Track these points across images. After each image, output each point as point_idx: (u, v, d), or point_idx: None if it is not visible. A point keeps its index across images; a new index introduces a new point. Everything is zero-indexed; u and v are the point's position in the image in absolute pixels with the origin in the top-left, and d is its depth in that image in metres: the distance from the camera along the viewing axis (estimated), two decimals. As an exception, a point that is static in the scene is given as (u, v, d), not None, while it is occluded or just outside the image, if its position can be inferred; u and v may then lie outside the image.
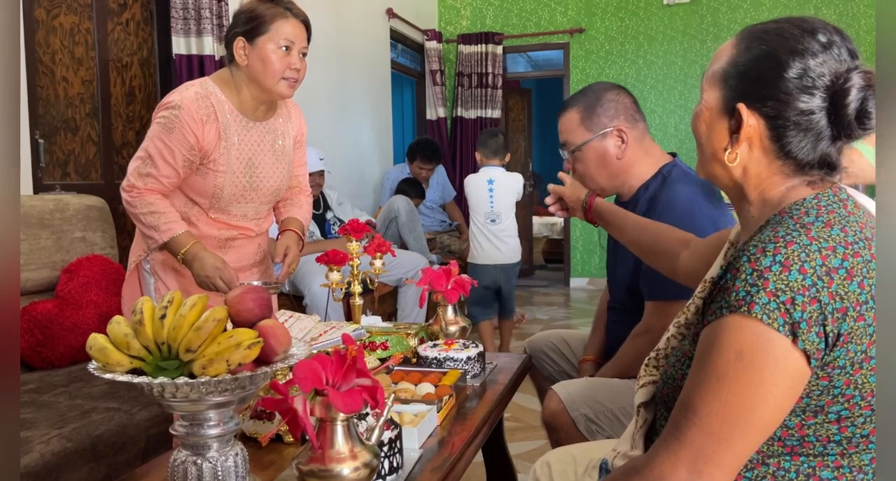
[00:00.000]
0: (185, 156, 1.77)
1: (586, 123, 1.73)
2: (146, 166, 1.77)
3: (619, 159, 1.73)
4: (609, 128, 1.71)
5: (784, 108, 0.87)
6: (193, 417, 0.92)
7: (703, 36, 5.86)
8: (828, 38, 0.87)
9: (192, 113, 1.75)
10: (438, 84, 6.03)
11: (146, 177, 1.77)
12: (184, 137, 1.74)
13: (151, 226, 1.77)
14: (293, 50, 1.78)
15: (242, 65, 1.78)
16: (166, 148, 1.75)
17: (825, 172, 0.90)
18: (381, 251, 1.93)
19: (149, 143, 1.77)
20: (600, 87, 1.77)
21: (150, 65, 3.19)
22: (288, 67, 1.77)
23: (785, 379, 0.79)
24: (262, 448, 1.23)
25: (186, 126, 1.74)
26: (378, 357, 1.63)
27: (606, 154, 1.73)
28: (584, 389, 1.63)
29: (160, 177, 1.77)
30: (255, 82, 1.80)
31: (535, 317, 5.00)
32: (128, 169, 1.81)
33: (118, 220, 2.80)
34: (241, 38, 1.77)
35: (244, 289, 0.95)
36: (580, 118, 1.74)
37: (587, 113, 1.73)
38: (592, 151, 1.73)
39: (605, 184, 1.76)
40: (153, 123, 1.78)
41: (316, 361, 0.92)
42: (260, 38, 1.75)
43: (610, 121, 1.72)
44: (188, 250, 1.76)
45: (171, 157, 1.76)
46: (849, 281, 0.80)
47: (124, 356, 0.89)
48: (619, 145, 1.72)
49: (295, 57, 1.78)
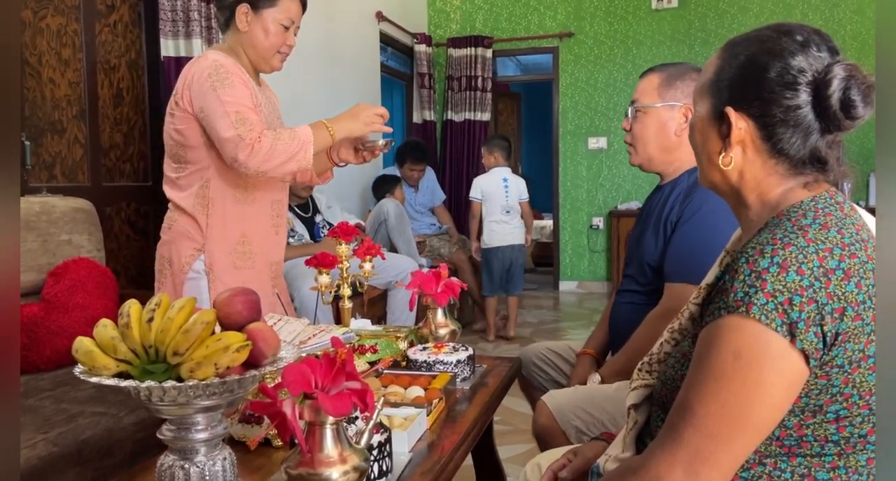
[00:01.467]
0: (252, 101, 1.78)
1: (661, 90, 1.76)
2: (240, 122, 1.70)
3: (677, 136, 1.75)
4: (680, 103, 1.74)
5: (770, 107, 0.89)
6: (181, 421, 0.91)
7: (691, 41, 5.90)
8: (804, 37, 0.89)
9: (230, 66, 1.78)
10: (428, 87, 6.04)
11: (244, 125, 1.70)
12: (242, 83, 1.78)
13: (292, 151, 1.72)
14: (291, 28, 1.87)
15: (243, 30, 1.84)
16: (236, 98, 1.73)
17: (818, 170, 0.91)
18: (370, 254, 1.92)
19: (223, 108, 1.71)
20: (690, 66, 1.80)
21: (138, 67, 3.18)
22: (284, 43, 1.87)
23: (782, 379, 0.80)
24: (251, 452, 1.22)
25: (237, 75, 1.77)
26: (367, 360, 1.63)
27: (667, 125, 1.76)
28: (573, 399, 1.63)
29: (254, 122, 1.72)
30: (252, 49, 1.86)
31: (525, 321, 5.00)
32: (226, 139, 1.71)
33: (105, 223, 2.78)
34: (245, 5, 1.82)
35: (232, 291, 0.95)
36: (659, 83, 1.77)
37: (667, 82, 1.76)
38: (655, 117, 1.76)
39: (653, 152, 1.79)
40: (208, 93, 1.73)
41: (305, 364, 0.92)
42: (266, 10, 1.83)
43: (684, 97, 1.74)
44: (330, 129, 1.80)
45: (248, 102, 1.75)
46: (846, 281, 0.81)
47: (111, 359, 0.88)
48: (681, 122, 1.75)
49: (291, 35, 1.88)
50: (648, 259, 1.76)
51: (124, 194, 3.09)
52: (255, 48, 1.85)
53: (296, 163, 1.74)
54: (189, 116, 1.79)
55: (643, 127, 1.78)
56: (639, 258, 1.82)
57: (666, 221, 1.72)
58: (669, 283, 1.67)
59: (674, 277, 1.66)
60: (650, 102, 1.76)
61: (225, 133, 1.71)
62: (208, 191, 1.84)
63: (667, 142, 1.77)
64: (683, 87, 1.74)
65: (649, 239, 1.77)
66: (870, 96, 0.86)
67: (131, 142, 3.14)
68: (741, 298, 0.81)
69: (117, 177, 3.07)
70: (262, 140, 1.69)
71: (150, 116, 3.22)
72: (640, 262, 1.80)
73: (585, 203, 6.27)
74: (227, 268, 1.87)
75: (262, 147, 1.69)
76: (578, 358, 1.91)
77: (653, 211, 1.81)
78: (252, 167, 1.71)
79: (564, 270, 6.43)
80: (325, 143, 1.81)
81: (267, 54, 1.86)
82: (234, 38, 1.86)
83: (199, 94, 1.75)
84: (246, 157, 1.69)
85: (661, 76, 1.77)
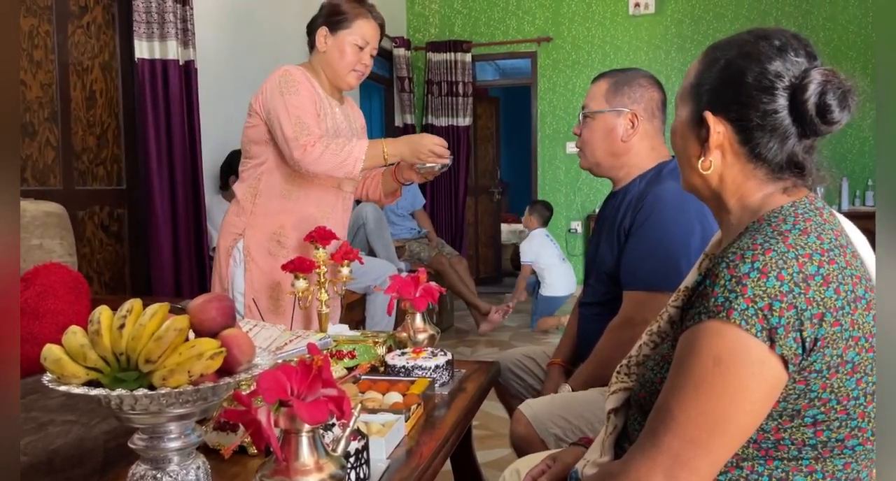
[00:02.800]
0: (314, 110, 1.98)
1: (609, 96, 1.77)
2: (299, 125, 1.92)
3: (624, 142, 1.76)
4: (626, 109, 1.75)
5: (747, 112, 0.90)
6: (153, 430, 0.89)
7: (668, 46, 5.95)
8: (782, 41, 0.90)
9: (298, 76, 2.00)
10: (407, 91, 6.03)
11: (302, 129, 1.92)
12: (308, 93, 1.99)
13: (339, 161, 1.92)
14: (366, 49, 2.06)
15: (322, 51, 2.06)
16: (301, 105, 1.95)
17: (796, 175, 0.91)
18: (348, 258, 1.91)
19: (287, 112, 1.93)
20: (640, 72, 1.81)
21: (111, 69, 3.13)
22: (359, 62, 2.06)
23: (762, 384, 0.80)
24: (226, 460, 1.20)
25: (303, 84, 1.99)
26: (345, 366, 1.61)
27: (614, 131, 1.76)
28: (551, 407, 1.63)
29: (313, 127, 1.94)
30: (329, 67, 2.07)
31: (504, 324, 5.01)
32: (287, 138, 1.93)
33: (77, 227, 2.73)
34: (324, 28, 2.04)
35: (206, 297, 0.93)
36: (607, 89, 1.78)
37: (615, 87, 1.77)
38: (602, 123, 1.77)
39: (601, 158, 1.80)
40: (276, 97, 1.95)
41: (280, 371, 0.90)
42: (342, 31, 2.03)
43: (630, 103, 1.75)
44: (385, 150, 1.96)
45: (310, 109, 1.96)
46: (825, 287, 0.81)
47: (80, 367, 0.85)
48: (628, 128, 1.75)
49: (367, 55, 2.07)
50: (606, 268, 1.77)
51: (98, 198, 3.04)
52: (331, 67, 2.06)
53: (342, 172, 1.95)
54: (259, 117, 2.02)
55: (591, 132, 1.79)
56: (597, 268, 1.83)
57: (619, 229, 1.73)
58: (626, 292, 1.67)
59: (630, 285, 1.67)
60: (598, 108, 1.78)
61: (287, 133, 1.93)
62: (260, 184, 2.07)
63: (614, 148, 1.77)
64: (630, 92, 1.76)
65: (605, 247, 1.78)
66: (846, 101, 0.87)
67: (105, 145, 3.10)
68: (722, 303, 0.81)
69: (90, 180, 3.01)
70: (317, 145, 1.91)
71: (124, 119, 3.18)
72: (598, 272, 1.81)
73: (564, 207, 6.30)
74: (262, 254, 2.06)
75: (314, 151, 1.91)
76: (548, 368, 1.92)
77: (606, 219, 1.83)
78: (304, 166, 1.94)
79: (543, 274, 6.44)
80: (376, 162, 1.99)
81: (342, 72, 2.06)
82: (315, 58, 2.09)
83: (269, 98, 1.97)
84: (300, 157, 1.92)
85: (610, 82, 1.78)
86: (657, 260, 1.61)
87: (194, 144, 3.18)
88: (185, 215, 3.12)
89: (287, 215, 2.07)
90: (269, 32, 4.00)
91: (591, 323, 1.80)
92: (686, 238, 1.60)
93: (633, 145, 1.76)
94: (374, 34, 2.06)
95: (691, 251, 1.58)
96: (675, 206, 1.62)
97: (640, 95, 1.76)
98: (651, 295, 1.59)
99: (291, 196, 2.07)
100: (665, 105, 1.81)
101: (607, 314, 1.73)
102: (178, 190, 3.09)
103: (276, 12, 4.10)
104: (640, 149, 1.77)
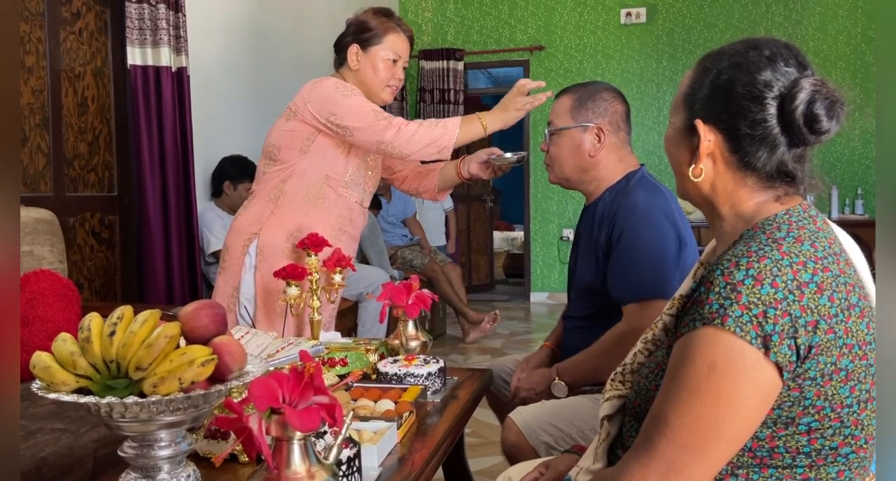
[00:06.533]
0: None
1: (573, 112, 1.78)
2: (377, 112, 1.94)
3: (591, 156, 1.77)
4: (591, 124, 1.76)
5: (737, 120, 0.91)
6: (143, 438, 0.89)
7: (659, 55, 5.99)
8: (772, 51, 0.91)
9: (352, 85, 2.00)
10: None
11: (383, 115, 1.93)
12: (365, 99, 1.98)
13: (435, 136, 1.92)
14: (399, 62, 2.05)
15: (354, 69, 2.05)
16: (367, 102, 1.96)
17: (787, 184, 0.92)
18: (340, 265, 1.91)
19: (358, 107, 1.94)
20: (602, 86, 1.82)
21: (104, 75, 3.12)
22: (392, 77, 2.05)
23: (757, 391, 0.80)
24: (216, 468, 1.19)
25: (359, 93, 1.99)
26: (337, 373, 1.60)
27: (581, 147, 1.77)
28: (541, 414, 1.63)
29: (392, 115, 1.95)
30: (363, 85, 2.04)
31: (496, 332, 5.01)
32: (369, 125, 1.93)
33: (68, 234, 2.72)
34: (355, 45, 2.03)
35: (198, 304, 0.93)
36: (570, 105, 1.78)
37: (578, 103, 1.78)
38: (569, 139, 1.78)
39: (570, 173, 1.81)
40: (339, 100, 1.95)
41: (272, 379, 0.90)
42: (373, 47, 2.03)
43: (595, 117, 1.76)
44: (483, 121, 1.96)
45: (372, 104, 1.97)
46: (819, 294, 0.82)
47: (70, 375, 0.85)
48: (594, 143, 1.76)
49: (399, 68, 2.06)
50: (585, 283, 1.78)
51: (89, 204, 3.03)
52: (365, 84, 2.04)
53: (436, 148, 1.94)
54: (304, 125, 2.00)
55: (559, 148, 1.80)
56: (577, 283, 1.85)
57: (596, 245, 1.74)
58: (624, 306, 1.68)
59: (622, 300, 1.67)
60: (563, 124, 1.79)
61: (368, 121, 1.92)
62: (285, 186, 2.05)
63: (582, 163, 1.78)
64: (594, 107, 1.76)
65: (583, 263, 1.80)
66: (834, 110, 0.88)
67: (96, 152, 3.09)
68: (716, 310, 0.81)
69: (81, 187, 3.00)
70: (410, 124, 1.92)
71: (116, 125, 3.17)
72: (579, 287, 1.83)
73: (556, 215, 6.32)
74: (276, 252, 2.02)
75: (408, 129, 1.91)
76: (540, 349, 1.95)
77: (582, 235, 1.84)
78: (396, 147, 1.92)
79: (535, 281, 6.45)
80: (475, 134, 1.97)
81: (377, 89, 2.05)
82: (348, 77, 2.06)
83: (328, 103, 1.95)
84: (392, 137, 1.90)
85: (573, 98, 1.79)
86: (639, 270, 1.63)
87: (186, 151, 3.17)
88: (177, 222, 3.11)
89: (305, 218, 2.06)
90: (261, 40, 4.00)
91: (575, 335, 1.82)
92: (661, 244, 1.63)
93: (600, 159, 1.77)
94: (404, 47, 2.06)
95: (669, 255, 1.61)
96: (645, 214, 1.65)
97: (603, 109, 1.77)
98: (642, 304, 1.60)
99: (314, 203, 2.06)
100: (629, 116, 1.83)
101: (589, 327, 1.75)
102: (170, 196, 3.09)
103: (269, 20, 4.10)
104: (608, 161, 1.78)
